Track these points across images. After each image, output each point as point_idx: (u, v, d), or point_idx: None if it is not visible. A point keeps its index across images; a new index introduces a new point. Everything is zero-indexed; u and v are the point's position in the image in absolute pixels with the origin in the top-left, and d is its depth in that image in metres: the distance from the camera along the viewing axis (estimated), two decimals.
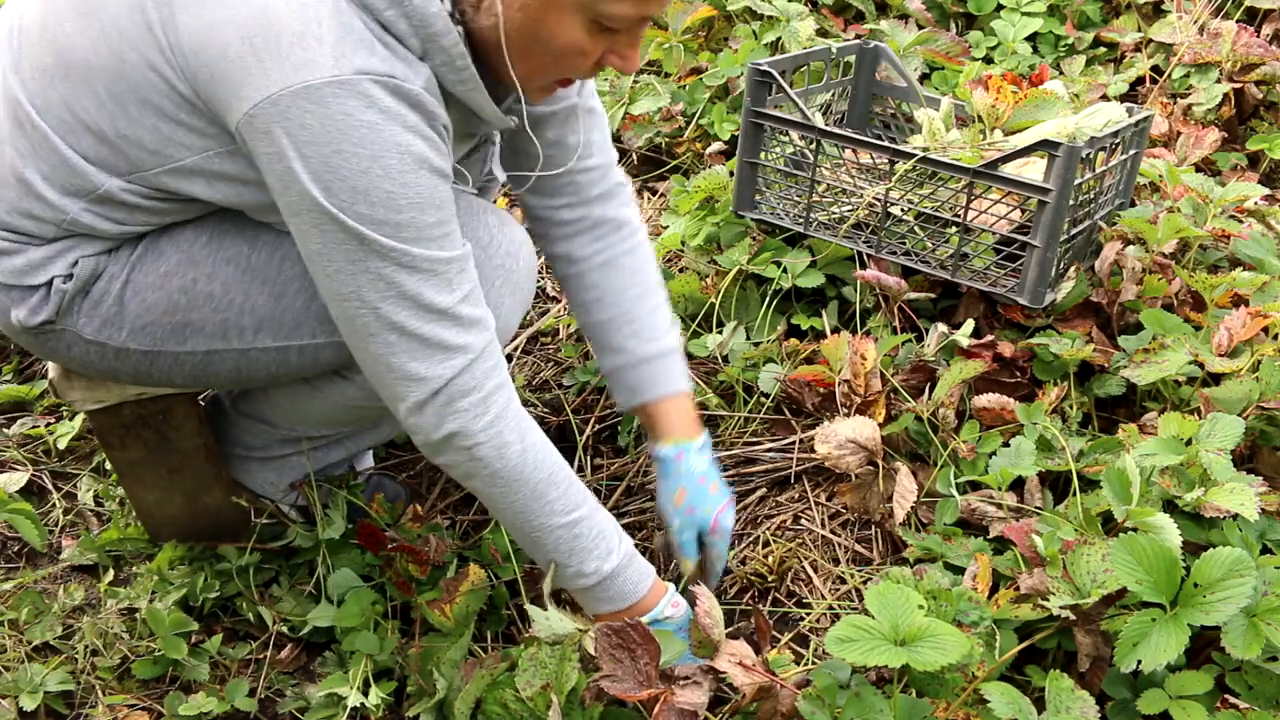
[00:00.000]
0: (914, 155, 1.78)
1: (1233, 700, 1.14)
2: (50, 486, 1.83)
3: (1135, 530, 1.20)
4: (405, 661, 1.45)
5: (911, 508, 1.53)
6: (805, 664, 1.39)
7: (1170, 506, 1.30)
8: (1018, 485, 1.53)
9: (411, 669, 1.42)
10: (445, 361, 1.21)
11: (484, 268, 1.35)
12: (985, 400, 1.64)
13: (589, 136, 1.49)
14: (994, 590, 1.31)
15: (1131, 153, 1.92)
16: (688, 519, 1.49)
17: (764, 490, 1.73)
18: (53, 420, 1.95)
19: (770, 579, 1.59)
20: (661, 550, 1.64)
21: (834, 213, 1.96)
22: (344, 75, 1.07)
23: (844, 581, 1.56)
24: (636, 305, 1.54)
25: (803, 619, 1.51)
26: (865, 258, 1.90)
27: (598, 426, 1.88)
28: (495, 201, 1.51)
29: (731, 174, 2.10)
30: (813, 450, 1.64)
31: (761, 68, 1.89)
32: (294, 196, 1.13)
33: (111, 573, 1.65)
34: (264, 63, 1.07)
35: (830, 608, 1.52)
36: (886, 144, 1.88)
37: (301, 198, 1.12)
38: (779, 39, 2.63)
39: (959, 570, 1.40)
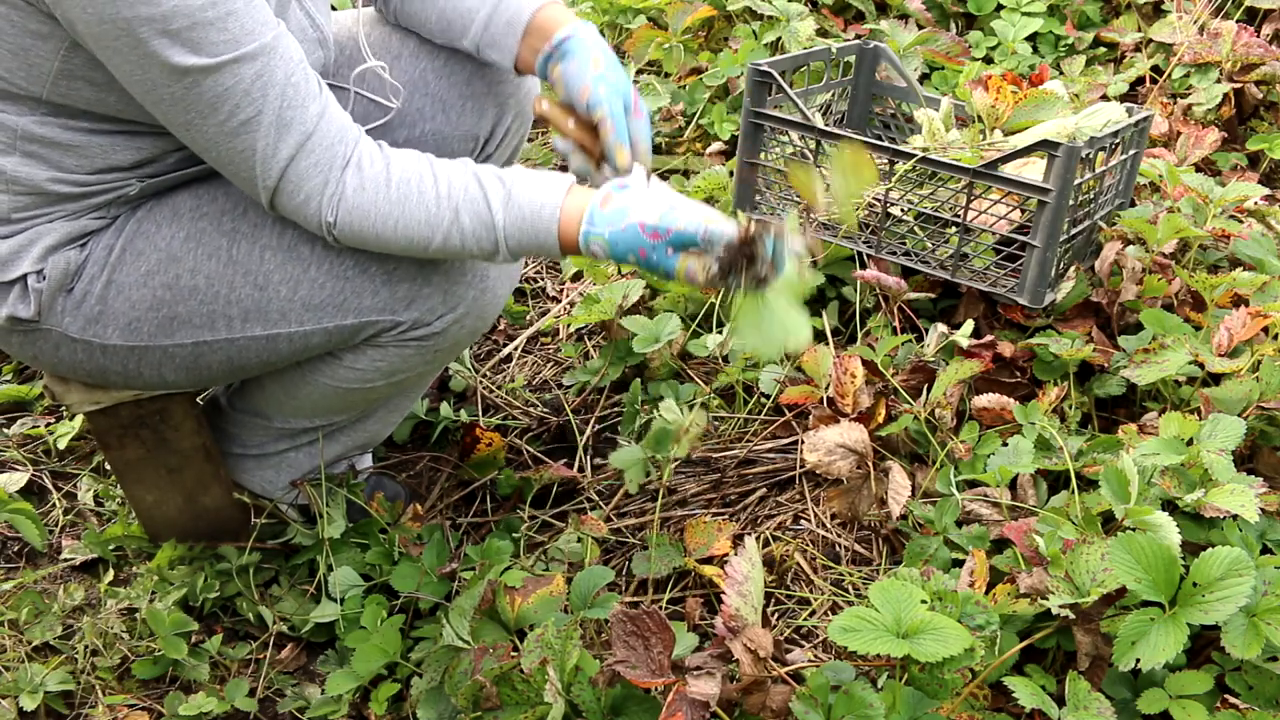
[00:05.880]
0: (914, 155, 1.78)
1: (1233, 700, 1.14)
2: (50, 486, 1.83)
3: (1134, 529, 1.20)
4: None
5: (907, 506, 1.53)
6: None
7: (1170, 507, 1.30)
8: (1014, 483, 1.53)
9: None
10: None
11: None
12: (985, 400, 1.64)
13: None
14: (991, 586, 1.31)
15: (1131, 153, 1.92)
16: (612, 85, 1.37)
17: (764, 490, 1.73)
18: (53, 420, 1.95)
19: (770, 579, 1.59)
20: (578, 170, 1.44)
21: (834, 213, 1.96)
22: None
23: (843, 581, 1.56)
24: None
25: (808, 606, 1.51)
26: (865, 258, 1.90)
27: (598, 426, 1.88)
28: None
29: (731, 174, 2.10)
30: None
31: (761, 68, 1.89)
32: (106, 26, 1.09)
33: (111, 573, 1.65)
34: None
35: (833, 602, 1.52)
36: (886, 144, 1.88)
37: (111, 23, 1.08)
38: (779, 39, 2.63)
39: (958, 564, 1.40)
